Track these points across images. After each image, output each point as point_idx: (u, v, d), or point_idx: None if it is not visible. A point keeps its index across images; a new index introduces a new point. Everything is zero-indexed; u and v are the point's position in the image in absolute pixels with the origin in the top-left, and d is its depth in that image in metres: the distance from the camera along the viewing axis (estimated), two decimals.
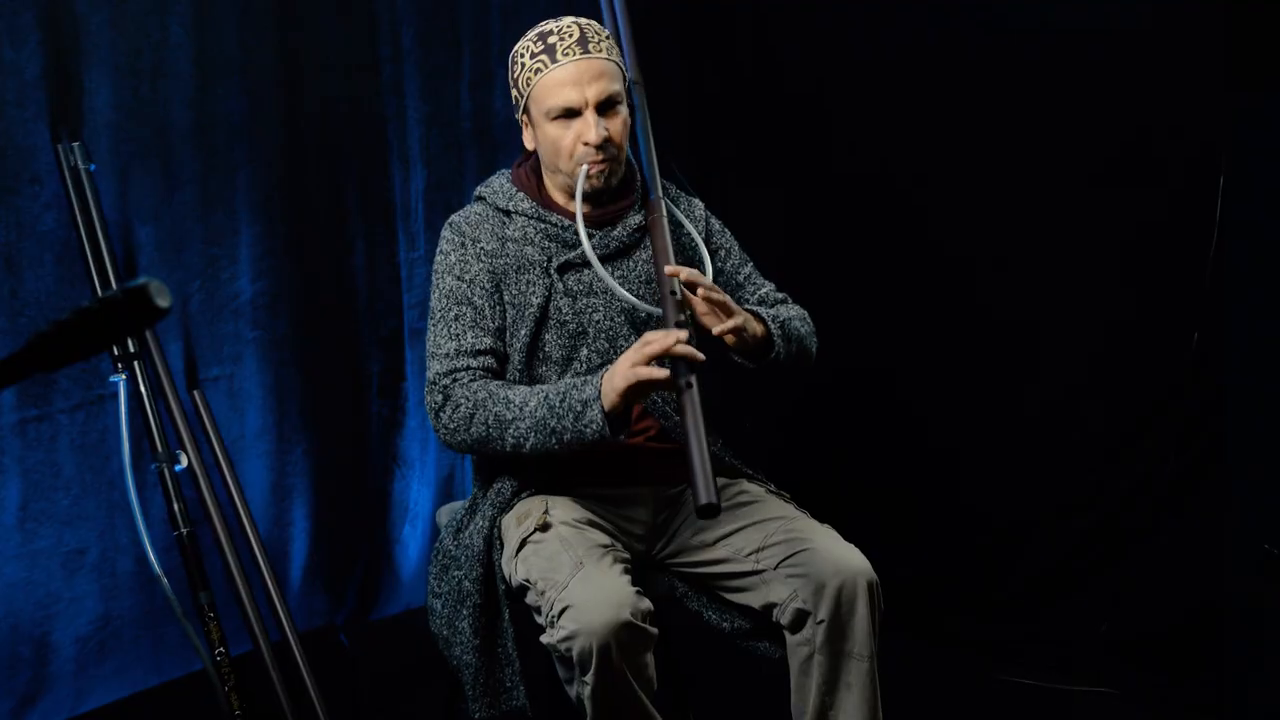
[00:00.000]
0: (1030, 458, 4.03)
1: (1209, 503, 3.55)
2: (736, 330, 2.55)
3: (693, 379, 2.40)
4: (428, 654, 2.83)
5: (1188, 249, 3.64)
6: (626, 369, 2.41)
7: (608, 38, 2.69)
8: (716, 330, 2.54)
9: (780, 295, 2.90)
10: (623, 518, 2.70)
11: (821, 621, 2.45)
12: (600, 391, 2.44)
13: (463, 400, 2.56)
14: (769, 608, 2.54)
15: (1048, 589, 3.96)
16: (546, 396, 2.50)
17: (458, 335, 2.62)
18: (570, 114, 2.62)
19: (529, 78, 2.65)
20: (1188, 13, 3.63)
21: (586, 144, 2.61)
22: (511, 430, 2.51)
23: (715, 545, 2.64)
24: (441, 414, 2.59)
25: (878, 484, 4.33)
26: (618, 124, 2.65)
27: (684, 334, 2.41)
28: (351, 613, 3.95)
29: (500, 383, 2.59)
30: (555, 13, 2.82)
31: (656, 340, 2.41)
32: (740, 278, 2.87)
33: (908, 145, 4.25)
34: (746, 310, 2.64)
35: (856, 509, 3.63)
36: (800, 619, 2.48)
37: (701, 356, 2.42)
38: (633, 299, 2.59)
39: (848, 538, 2.57)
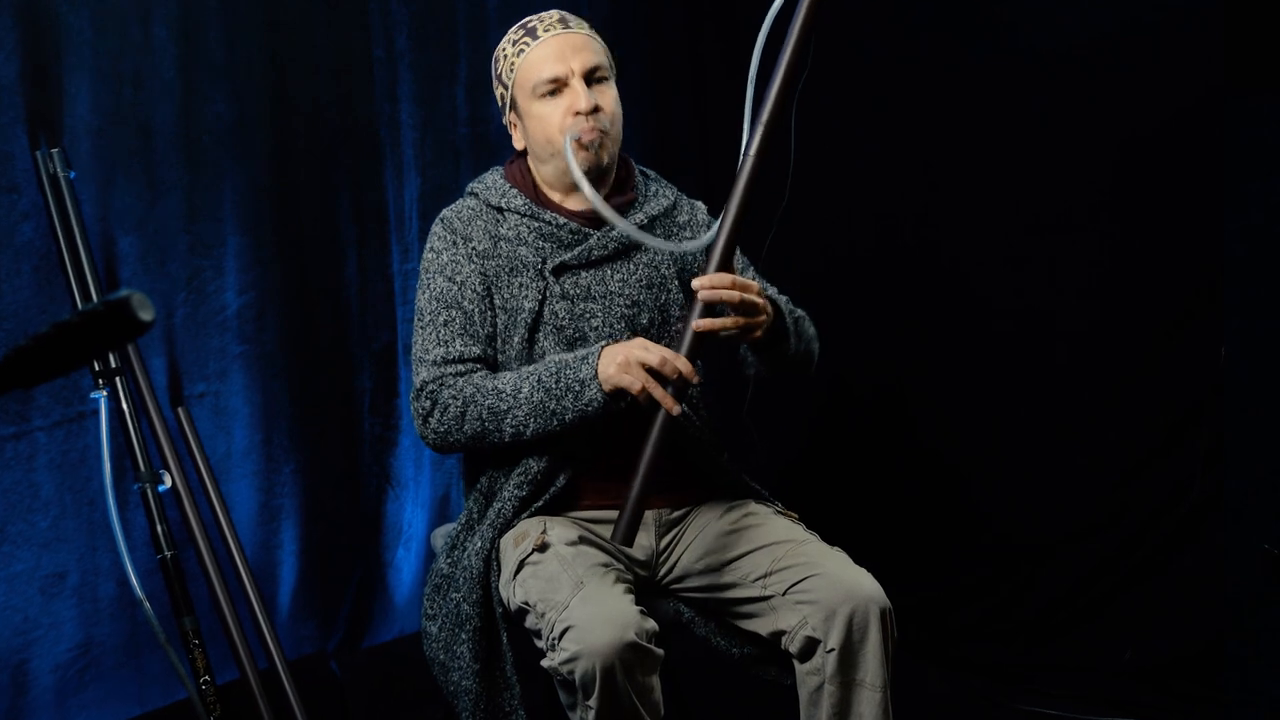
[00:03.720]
0: (1049, 478, 4.04)
1: None
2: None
3: (682, 407, 2.50)
4: (422, 682, 2.83)
5: (1213, 262, 3.65)
6: (632, 362, 2.47)
7: (590, 24, 2.76)
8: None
9: (783, 298, 2.90)
10: None
11: (832, 650, 2.45)
12: (597, 370, 2.50)
13: (450, 401, 2.59)
14: (777, 635, 2.54)
15: (1069, 613, 3.96)
16: (540, 379, 2.54)
17: (446, 341, 2.64)
18: (557, 88, 2.67)
19: (512, 64, 2.72)
20: (1187, 16, 3.67)
21: (578, 113, 2.65)
22: (509, 420, 2.55)
23: (721, 570, 2.65)
24: (430, 419, 2.62)
25: (890, 506, 4.33)
26: (608, 96, 2.70)
27: (691, 372, 2.48)
28: (342, 640, 3.94)
29: (484, 373, 2.63)
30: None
31: (669, 357, 2.46)
32: None
33: (912, 155, 4.27)
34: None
35: (868, 531, 3.63)
36: (810, 647, 2.49)
37: (696, 380, 2.50)
38: (658, 240, 2.65)
39: (859, 561, 2.58)
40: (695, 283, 2.52)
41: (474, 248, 2.70)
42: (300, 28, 3.71)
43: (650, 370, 2.46)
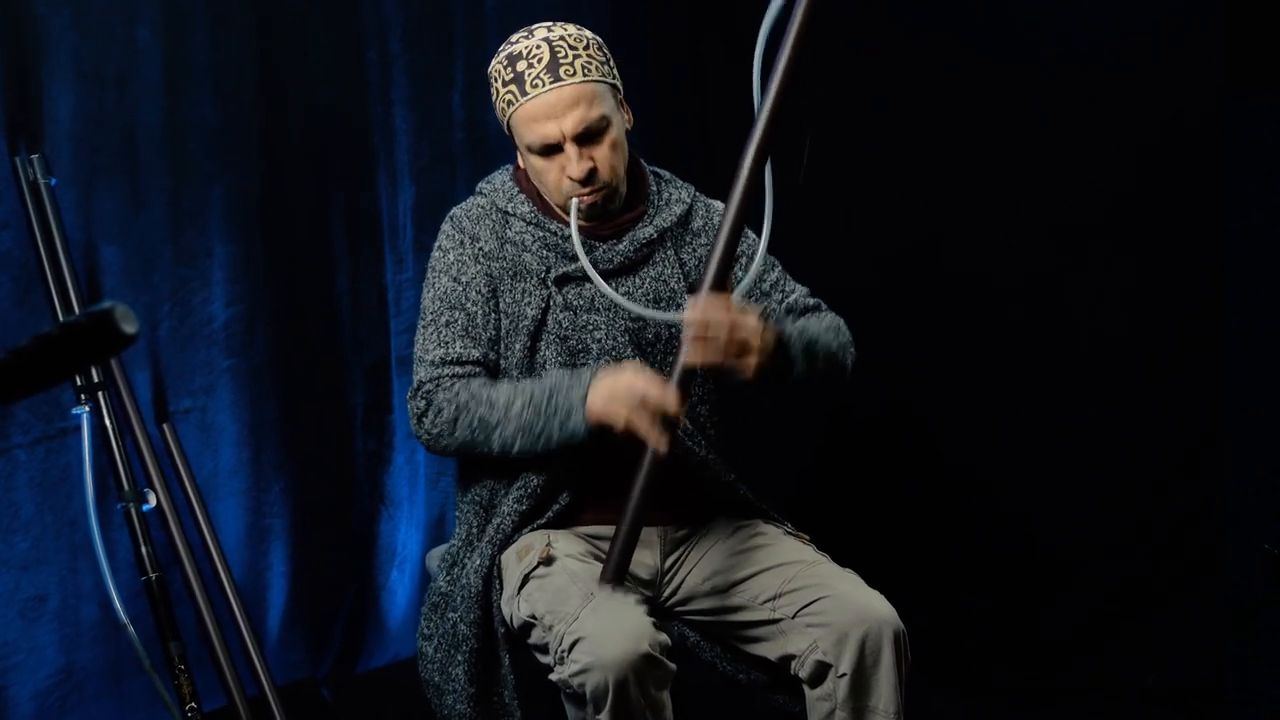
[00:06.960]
0: (1067, 498, 4.03)
1: None
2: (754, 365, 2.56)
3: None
4: (417, 709, 2.83)
5: (1214, 263, 3.66)
6: (618, 395, 2.47)
7: (585, 48, 2.65)
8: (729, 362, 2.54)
9: (813, 301, 2.88)
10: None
11: (843, 675, 2.44)
12: (585, 397, 2.50)
13: (445, 404, 2.60)
14: (787, 660, 2.54)
15: (1089, 636, 3.95)
16: (532, 397, 2.55)
17: (447, 343, 2.66)
18: (551, 149, 2.63)
19: (503, 108, 2.68)
20: (1187, 16, 3.70)
21: (572, 179, 2.62)
22: (497, 434, 2.57)
23: (729, 592, 2.64)
24: (424, 419, 2.64)
25: (904, 527, 4.32)
26: (604, 150, 2.64)
27: (676, 410, 2.46)
28: (334, 665, 3.94)
29: (483, 381, 2.64)
30: (555, 13, 2.83)
31: (652, 394, 2.45)
32: (766, 285, 2.85)
33: (911, 155, 4.27)
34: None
35: (882, 553, 3.62)
36: (820, 672, 2.48)
37: (684, 425, 2.52)
38: (643, 310, 2.63)
39: (872, 584, 2.57)
40: (684, 317, 2.51)
41: (481, 248, 2.71)
42: (291, 29, 3.71)
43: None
